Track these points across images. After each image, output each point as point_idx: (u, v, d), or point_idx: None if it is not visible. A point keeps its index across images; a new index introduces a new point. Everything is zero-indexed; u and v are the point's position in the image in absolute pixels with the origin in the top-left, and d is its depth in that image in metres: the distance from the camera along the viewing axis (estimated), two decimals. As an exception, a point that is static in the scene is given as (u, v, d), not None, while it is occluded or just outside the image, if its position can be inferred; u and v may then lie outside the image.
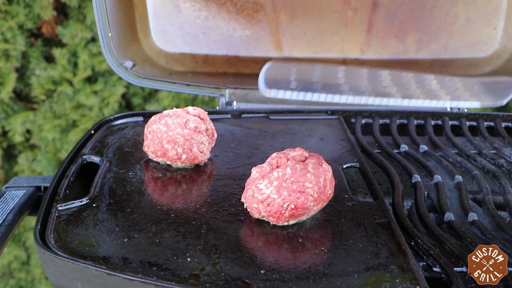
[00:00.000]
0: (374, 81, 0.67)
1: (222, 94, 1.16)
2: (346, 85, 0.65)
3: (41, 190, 0.87)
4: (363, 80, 0.68)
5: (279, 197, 0.66)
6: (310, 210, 0.67)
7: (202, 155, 0.82)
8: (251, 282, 0.56)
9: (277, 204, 0.66)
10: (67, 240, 0.64)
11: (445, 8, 1.23)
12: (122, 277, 0.57)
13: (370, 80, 0.68)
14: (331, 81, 0.67)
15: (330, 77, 0.68)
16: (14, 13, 1.69)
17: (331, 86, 0.64)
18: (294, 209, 0.66)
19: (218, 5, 1.22)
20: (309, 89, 0.62)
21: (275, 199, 0.66)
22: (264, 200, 0.66)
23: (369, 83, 0.67)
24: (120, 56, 1.14)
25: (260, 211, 0.67)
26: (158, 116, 0.83)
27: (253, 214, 0.68)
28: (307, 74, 0.68)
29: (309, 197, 0.66)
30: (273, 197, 0.66)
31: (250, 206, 0.68)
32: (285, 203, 0.66)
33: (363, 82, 0.67)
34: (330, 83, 0.66)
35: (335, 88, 0.64)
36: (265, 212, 0.66)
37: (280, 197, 0.66)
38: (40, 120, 1.80)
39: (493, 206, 0.75)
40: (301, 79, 0.67)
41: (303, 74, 0.68)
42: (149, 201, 0.73)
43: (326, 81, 0.66)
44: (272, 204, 0.66)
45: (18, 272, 1.92)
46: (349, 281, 0.56)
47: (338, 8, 1.23)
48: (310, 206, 0.67)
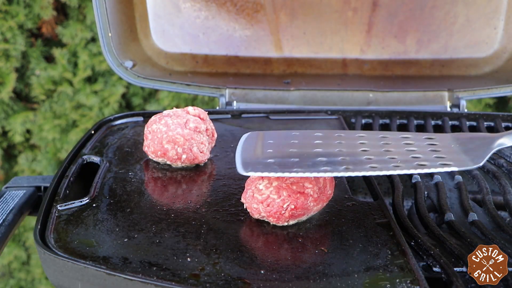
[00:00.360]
0: (350, 149, 0.67)
1: (222, 94, 1.16)
2: (323, 157, 0.65)
3: (41, 190, 0.87)
4: (340, 147, 0.68)
5: (278, 197, 0.66)
6: (310, 210, 0.67)
7: (202, 155, 0.82)
8: (251, 282, 0.56)
9: (277, 205, 0.65)
10: (67, 240, 0.64)
11: (445, 8, 1.23)
12: (122, 277, 0.57)
13: (346, 147, 0.68)
14: (309, 151, 0.67)
15: (308, 146, 0.68)
16: (14, 13, 1.69)
17: (308, 158, 0.65)
18: (294, 209, 0.66)
19: (218, 5, 1.22)
20: (286, 166, 0.63)
21: (275, 200, 0.66)
22: (264, 201, 0.66)
23: (346, 151, 0.67)
24: (120, 56, 1.14)
25: (260, 212, 0.67)
26: (158, 116, 0.83)
27: (253, 215, 0.68)
28: (285, 146, 0.69)
29: (309, 197, 0.66)
30: (273, 197, 0.66)
31: (250, 207, 0.68)
32: (285, 203, 0.65)
33: (339, 150, 0.67)
34: (308, 154, 0.66)
35: (311, 160, 0.64)
36: (265, 213, 0.66)
37: (280, 198, 0.66)
38: (40, 120, 1.80)
39: (493, 206, 0.75)
40: (279, 152, 0.67)
41: (281, 147, 0.68)
42: (149, 201, 0.73)
43: (303, 152, 0.67)
44: (272, 204, 0.66)
45: (18, 272, 1.92)
46: (349, 281, 0.56)
47: (338, 8, 1.23)
48: (310, 206, 0.67)
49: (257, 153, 0.67)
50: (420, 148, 0.66)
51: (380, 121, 1.07)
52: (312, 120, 1.04)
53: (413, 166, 0.61)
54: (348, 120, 1.07)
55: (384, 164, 0.62)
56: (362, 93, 1.17)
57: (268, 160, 0.65)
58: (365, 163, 0.63)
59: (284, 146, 0.69)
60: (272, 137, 0.72)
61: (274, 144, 0.70)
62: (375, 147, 0.67)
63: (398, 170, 0.61)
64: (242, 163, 0.64)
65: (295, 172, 0.61)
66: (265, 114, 1.06)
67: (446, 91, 1.16)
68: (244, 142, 0.71)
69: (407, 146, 0.67)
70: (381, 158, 0.64)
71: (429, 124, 1.05)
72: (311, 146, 0.68)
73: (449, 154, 0.64)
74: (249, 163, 0.64)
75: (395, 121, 1.06)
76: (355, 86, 1.20)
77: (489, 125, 1.06)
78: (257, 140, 0.71)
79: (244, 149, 0.69)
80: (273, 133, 0.75)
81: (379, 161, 0.63)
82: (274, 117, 1.05)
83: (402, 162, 0.62)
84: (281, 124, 1.02)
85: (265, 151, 0.68)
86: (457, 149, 0.66)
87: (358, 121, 1.06)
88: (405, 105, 1.17)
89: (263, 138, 0.72)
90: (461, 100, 1.15)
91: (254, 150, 0.68)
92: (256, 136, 0.73)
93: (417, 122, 1.07)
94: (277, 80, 1.23)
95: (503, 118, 1.08)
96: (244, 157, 0.66)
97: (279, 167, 0.62)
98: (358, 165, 0.62)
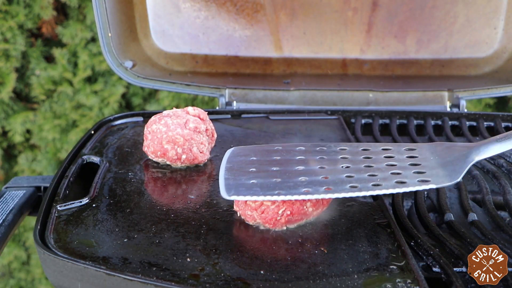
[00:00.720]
0: (331, 166, 0.68)
1: (222, 94, 1.16)
2: (305, 175, 0.66)
3: (41, 190, 0.87)
4: (321, 163, 0.68)
5: (273, 203, 0.64)
6: (308, 215, 0.66)
7: (202, 155, 0.82)
8: (251, 282, 0.56)
9: (272, 211, 0.64)
10: (67, 240, 0.64)
11: (445, 8, 1.23)
12: (122, 278, 0.57)
13: (328, 163, 0.68)
14: (290, 169, 0.68)
15: (290, 163, 0.69)
16: (14, 13, 1.69)
17: (290, 177, 0.66)
18: (290, 215, 0.64)
19: (218, 5, 1.22)
20: (269, 188, 0.64)
21: (269, 206, 0.64)
22: (258, 208, 0.65)
23: (327, 168, 0.67)
24: (120, 56, 1.14)
25: (255, 218, 0.65)
26: (158, 116, 0.83)
27: (248, 221, 0.67)
28: (267, 164, 0.70)
29: (306, 203, 0.65)
30: (267, 204, 0.64)
31: (244, 214, 0.66)
32: (280, 209, 0.64)
33: (321, 167, 0.68)
34: (290, 173, 0.67)
35: (293, 181, 0.65)
36: (260, 219, 0.65)
37: (275, 204, 0.64)
38: (40, 120, 1.80)
39: (493, 206, 0.75)
40: (261, 171, 0.68)
41: (263, 165, 0.69)
42: (149, 201, 0.73)
43: (285, 171, 0.67)
44: (267, 211, 0.64)
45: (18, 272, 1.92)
46: (349, 282, 0.56)
47: (338, 8, 1.23)
48: (308, 211, 0.66)
49: (240, 173, 0.68)
50: (400, 163, 0.67)
51: (380, 121, 1.07)
52: (312, 120, 1.04)
53: (392, 185, 0.62)
54: (348, 120, 1.07)
55: (364, 183, 0.63)
56: (362, 93, 1.17)
57: (251, 181, 0.66)
58: (346, 183, 0.64)
59: (266, 163, 0.70)
60: (255, 153, 0.73)
61: (256, 161, 0.71)
62: (356, 163, 0.68)
63: (378, 190, 0.62)
64: (225, 186, 0.65)
65: (277, 195, 0.62)
66: (265, 114, 1.06)
67: (446, 91, 1.16)
68: (228, 160, 0.72)
69: (388, 160, 0.68)
70: (361, 176, 0.65)
71: (429, 124, 1.05)
72: (293, 163, 0.69)
73: (429, 168, 0.65)
74: (232, 186, 0.65)
75: (395, 121, 1.06)
76: (355, 86, 1.20)
77: (489, 125, 1.06)
78: (240, 157, 0.72)
79: (228, 168, 0.70)
80: (255, 149, 0.76)
81: (360, 179, 0.64)
82: (274, 117, 1.05)
83: (382, 180, 0.63)
84: (281, 124, 1.02)
85: (247, 170, 0.68)
86: (436, 162, 0.66)
87: (358, 121, 1.06)
88: (405, 105, 1.17)
89: (246, 155, 0.73)
90: (461, 100, 1.15)
91: (238, 169, 0.69)
92: (238, 153, 0.74)
93: (417, 122, 1.07)
94: (277, 80, 1.23)
95: (503, 118, 1.08)
96: (227, 179, 0.67)
97: (261, 189, 0.64)
98: (339, 185, 0.63)
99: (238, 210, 0.67)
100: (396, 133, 1.02)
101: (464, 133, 1.03)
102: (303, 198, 0.62)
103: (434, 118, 1.08)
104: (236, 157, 0.73)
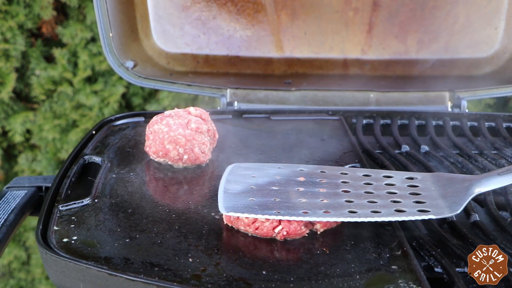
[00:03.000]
0: (331, 190, 0.68)
1: (223, 95, 1.15)
2: (304, 197, 0.66)
3: (42, 190, 0.87)
4: (321, 186, 0.69)
5: (267, 220, 0.63)
6: (305, 232, 0.65)
7: (204, 156, 0.82)
8: (253, 283, 0.56)
9: (267, 228, 0.63)
10: (69, 240, 0.63)
11: (446, 8, 1.23)
12: (124, 278, 0.57)
13: (328, 187, 0.68)
14: (291, 189, 0.68)
15: (290, 184, 0.69)
16: (14, 13, 1.69)
17: (289, 198, 0.66)
18: (287, 235, 0.63)
19: (219, 5, 1.22)
20: (267, 207, 0.64)
21: (264, 223, 0.63)
22: (251, 224, 0.63)
23: (327, 191, 0.67)
24: (121, 56, 1.14)
25: (250, 232, 0.64)
26: (159, 117, 0.83)
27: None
28: (268, 184, 0.70)
29: (302, 223, 0.63)
30: (261, 220, 0.63)
31: (238, 227, 0.65)
32: (275, 228, 0.63)
33: (321, 190, 0.68)
34: (289, 193, 0.67)
35: (292, 202, 0.65)
36: (255, 234, 0.64)
37: (269, 221, 0.63)
38: (40, 120, 1.80)
39: (494, 207, 0.75)
40: (261, 190, 0.68)
41: (264, 185, 0.69)
42: (150, 202, 0.73)
43: (285, 191, 0.68)
44: (261, 228, 0.63)
45: (18, 272, 1.92)
46: (351, 282, 0.56)
47: (339, 9, 1.23)
48: (304, 231, 0.64)
49: (240, 189, 0.68)
50: (401, 191, 0.68)
51: (381, 121, 1.07)
52: (313, 121, 1.04)
53: (391, 213, 0.62)
54: (349, 120, 1.07)
55: (363, 209, 0.63)
56: (363, 93, 1.17)
57: (250, 198, 0.66)
58: (345, 207, 0.64)
59: (267, 183, 0.70)
60: (257, 170, 0.74)
61: (257, 179, 0.71)
62: (356, 188, 0.68)
63: (376, 217, 0.62)
64: (223, 202, 0.65)
65: (275, 214, 0.62)
66: (266, 114, 1.06)
67: (447, 91, 1.16)
68: (228, 175, 0.72)
69: (388, 188, 0.68)
70: (361, 202, 0.65)
71: (430, 124, 1.05)
72: (293, 184, 0.69)
73: (429, 199, 0.65)
74: (231, 202, 0.65)
75: (396, 122, 1.06)
76: (356, 86, 1.20)
77: (490, 125, 1.07)
78: (241, 173, 0.73)
79: (228, 181, 0.70)
80: (257, 166, 0.76)
81: (359, 205, 0.64)
82: (275, 117, 1.05)
83: (381, 207, 0.63)
84: (282, 124, 1.02)
85: (247, 187, 0.69)
86: (436, 193, 0.67)
87: (359, 121, 1.06)
88: (406, 105, 1.17)
89: (247, 172, 0.73)
90: (462, 101, 1.15)
91: (237, 185, 0.69)
92: (240, 169, 0.74)
93: (418, 122, 1.07)
94: (278, 81, 1.23)
95: (504, 118, 1.08)
96: (226, 194, 0.67)
97: (260, 208, 0.63)
98: (337, 209, 0.63)
99: (230, 224, 0.66)
100: (398, 133, 1.02)
101: (466, 133, 1.03)
102: (300, 219, 0.62)
103: (435, 118, 1.08)
104: (237, 173, 0.73)
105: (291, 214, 0.62)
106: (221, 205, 0.65)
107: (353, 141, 0.94)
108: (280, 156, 0.87)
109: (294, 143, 0.93)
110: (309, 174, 0.72)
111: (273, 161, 0.85)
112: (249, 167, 0.75)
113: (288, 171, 0.73)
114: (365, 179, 0.71)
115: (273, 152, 0.89)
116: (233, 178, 0.71)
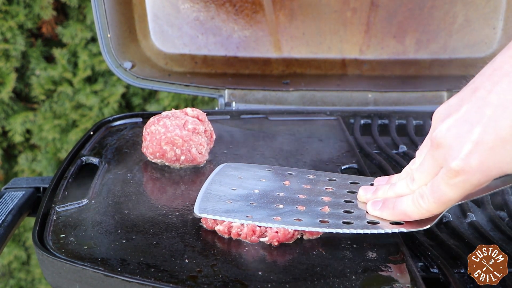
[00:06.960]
0: (312, 197, 0.68)
1: (221, 95, 1.16)
2: (282, 203, 0.67)
3: (40, 191, 0.87)
4: (302, 193, 0.69)
5: (253, 233, 0.63)
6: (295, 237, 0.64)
7: (201, 157, 0.82)
8: (249, 283, 0.56)
9: (255, 237, 0.63)
10: (66, 241, 0.64)
11: (444, 8, 1.23)
12: (120, 279, 0.57)
13: (309, 194, 0.68)
14: (272, 194, 0.68)
15: (274, 189, 0.70)
16: (14, 13, 1.69)
17: (267, 203, 0.66)
18: (278, 243, 0.63)
19: (217, 5, 1.22)
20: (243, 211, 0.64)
21: (240, 227, 0.63)
22: (239, 233, 0.63)
23: (306, 198, 0.67)
24: (119, 57, 1.14)
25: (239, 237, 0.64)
26: (156, 118, 0.83)
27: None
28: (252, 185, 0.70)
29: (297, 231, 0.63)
30: (236, 225, 0.63)
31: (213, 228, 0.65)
32: (264, 238, 0.63)
33: (300, 196, 0.68)
34: (269, 198, 0.67)
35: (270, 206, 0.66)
36: (245, 240, 0.64)
37: (256, 234, 0.63)
38: (40, 120, 1.80)
39: (491, 207, 0.75)
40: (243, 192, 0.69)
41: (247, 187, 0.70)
42: (147, 203, 0.73)
43: (265, 194, 0.68)
44: (249, 236, 0.63)
45: (18, 272, 1.92)
46: (347, 283, 0.57)
47: (337, 9, 1.23)
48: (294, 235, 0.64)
49: (221, 190, 0.69)
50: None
51: (379, 121, 1.07)
52: (311, 121, 1.04)
53: (362, 225, 0.62)
54: (347, 120, 1.07)
55: (336, 219, 0.63)
56: (361, 93, 1.17)
57: (227, 200, 0.67)
58: (318, 216, 0.64)
59: (250, 187, 0.70)
60: (245, 171, 0.74)
61: (242, 181, 0.72)
62: (338, 197, 0.68)
63: (345, 228, 0.62)
64: (200, 202, 0.67)
65: (245, 219, 0.63)
66: (264, 114, 1.06)
67: (445, 91, 1.16)
68: (215, 175, 0.73)
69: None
70: (337, 211, 0.65)
71: (428, 124, 1.05)
72: (276, 188, 0.70)
73: None
74: (208, 203, 0.66)
75: (394, 122, 1.07)
76: (354, 86, 1.20)
77: (488, 125, 1.06)
78: (228, 173, 0.74)
79: (213, 181, 0.71)
80: (247, 167, 0.76)
81: (333, 214, 0.64)
82: (273, 118, 1.05)
83: (355, 219, 0.63)
84: (280, 125, 1.02)
85: (229, 190, 0.69)
86: None
87: (357, 121, 1.06)
88: (404, 105, 1.17)
89: (236, 171, 0.74)
90: (461, 100, 1.14)
91: (221, 185, 0.70)
92: (229, 169, 0.75)
93: (416, 122, 1.07)
94: (276, 81, 1.23)
95: (502, 118, 1.07)
96: (206, 195, 0.68)
97: (234, 212, 0.64)
98: (309, 218, 0.63)
99: (205, 224, 0.66)
100: (395, 134, 1.02)
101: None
102: (270, 226, 0.62)
103: (433, 118, 1.08)
104: (224, 173, 0.74)
105: (260, 220, 0.63)
106: (196, 205, 0.66)
107: (351, 141, 0.94)
108: (277, 157, 0.87)
109: (292, 144, 0.93)
110: (296, 178, 0.73)
111: (270, 162, 0.85)
112: (238, 167, 0.76)
113: (276, 174, 0.74)
114: (351, 187, 0.71)
115: (271, 152, 0.89)
116: (219, 178, 0.72)
